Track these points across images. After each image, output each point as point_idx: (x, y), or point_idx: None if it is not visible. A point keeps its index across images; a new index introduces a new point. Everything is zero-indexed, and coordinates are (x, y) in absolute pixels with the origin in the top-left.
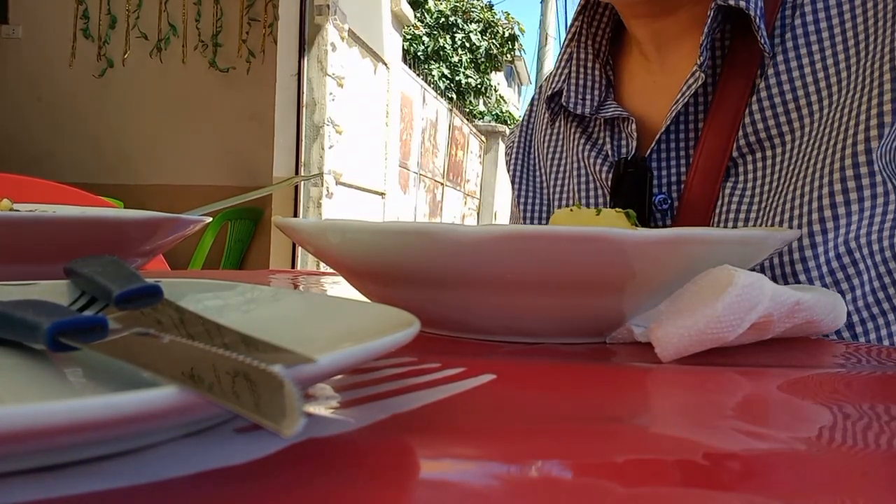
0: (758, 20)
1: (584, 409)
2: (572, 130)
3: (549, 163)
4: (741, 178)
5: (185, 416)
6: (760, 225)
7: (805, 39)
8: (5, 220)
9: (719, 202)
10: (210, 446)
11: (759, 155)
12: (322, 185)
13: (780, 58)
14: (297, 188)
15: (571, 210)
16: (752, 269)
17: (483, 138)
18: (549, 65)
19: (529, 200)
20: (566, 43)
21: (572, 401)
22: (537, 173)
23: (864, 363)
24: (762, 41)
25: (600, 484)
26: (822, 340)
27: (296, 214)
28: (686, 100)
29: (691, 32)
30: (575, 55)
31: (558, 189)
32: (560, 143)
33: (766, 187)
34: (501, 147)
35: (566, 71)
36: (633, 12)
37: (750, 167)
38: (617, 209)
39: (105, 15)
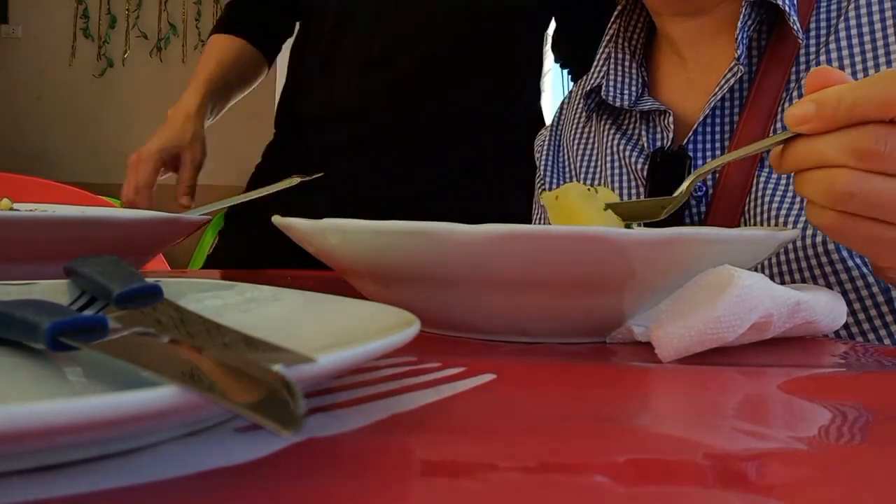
0: (788, 8)
1: (584, 409)
2: (605, 126)
3: (578, 159)
4: None
5: (185, 416)
6: (795, 214)
7: (848, 42)
8: (5, 220)
9: (753, 190)
10: (210, 446)
11: None
12: None
13: (823, 58)
14: None
15: (590, 188)
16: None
17: None
18: (548, 65)
19: None
20: (604, 44)
21: (572, 401)
22: (566, 168)
23: (863, 363)
24: (795, 29)
25: (600, 484)
26: (822, 340)
27: None
28: (723, 92)
29: (726, 31)
30: (613, 55)
31: (588, 182)
32: (591, 139)
33: None
34: None
35: (604, 69)
36: (669, 11)
37: None
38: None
39: (105, 15)
